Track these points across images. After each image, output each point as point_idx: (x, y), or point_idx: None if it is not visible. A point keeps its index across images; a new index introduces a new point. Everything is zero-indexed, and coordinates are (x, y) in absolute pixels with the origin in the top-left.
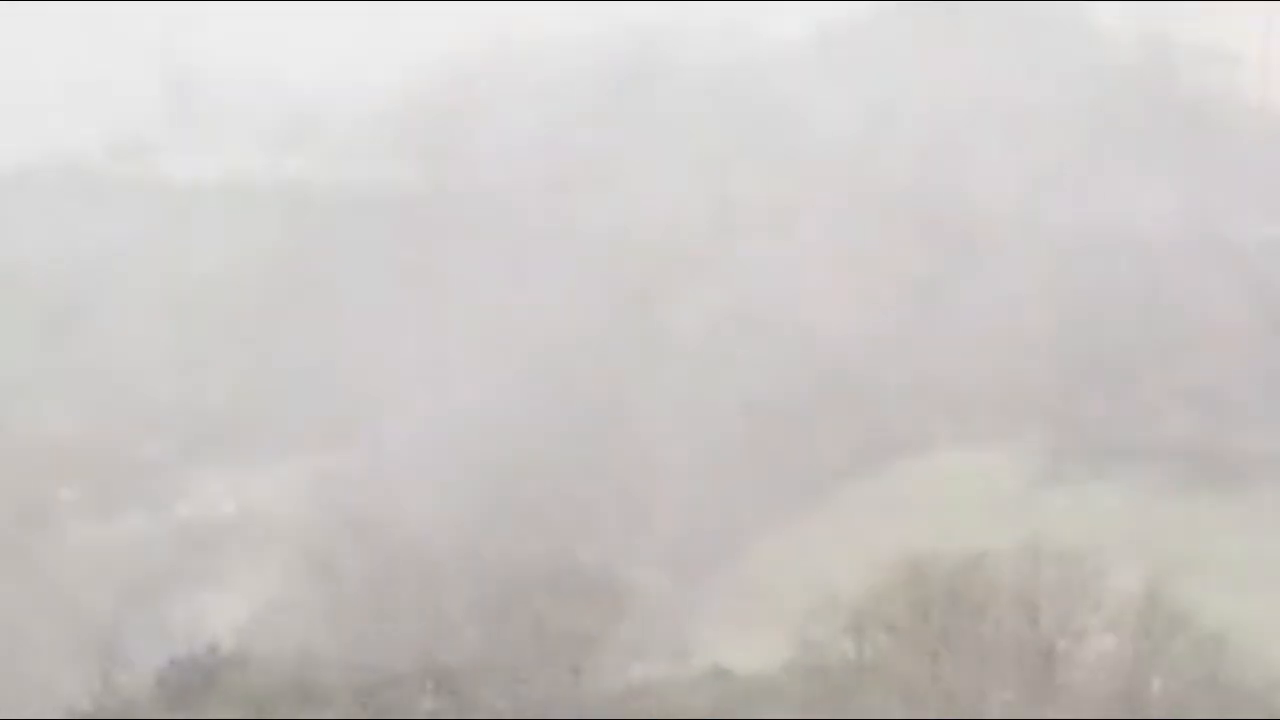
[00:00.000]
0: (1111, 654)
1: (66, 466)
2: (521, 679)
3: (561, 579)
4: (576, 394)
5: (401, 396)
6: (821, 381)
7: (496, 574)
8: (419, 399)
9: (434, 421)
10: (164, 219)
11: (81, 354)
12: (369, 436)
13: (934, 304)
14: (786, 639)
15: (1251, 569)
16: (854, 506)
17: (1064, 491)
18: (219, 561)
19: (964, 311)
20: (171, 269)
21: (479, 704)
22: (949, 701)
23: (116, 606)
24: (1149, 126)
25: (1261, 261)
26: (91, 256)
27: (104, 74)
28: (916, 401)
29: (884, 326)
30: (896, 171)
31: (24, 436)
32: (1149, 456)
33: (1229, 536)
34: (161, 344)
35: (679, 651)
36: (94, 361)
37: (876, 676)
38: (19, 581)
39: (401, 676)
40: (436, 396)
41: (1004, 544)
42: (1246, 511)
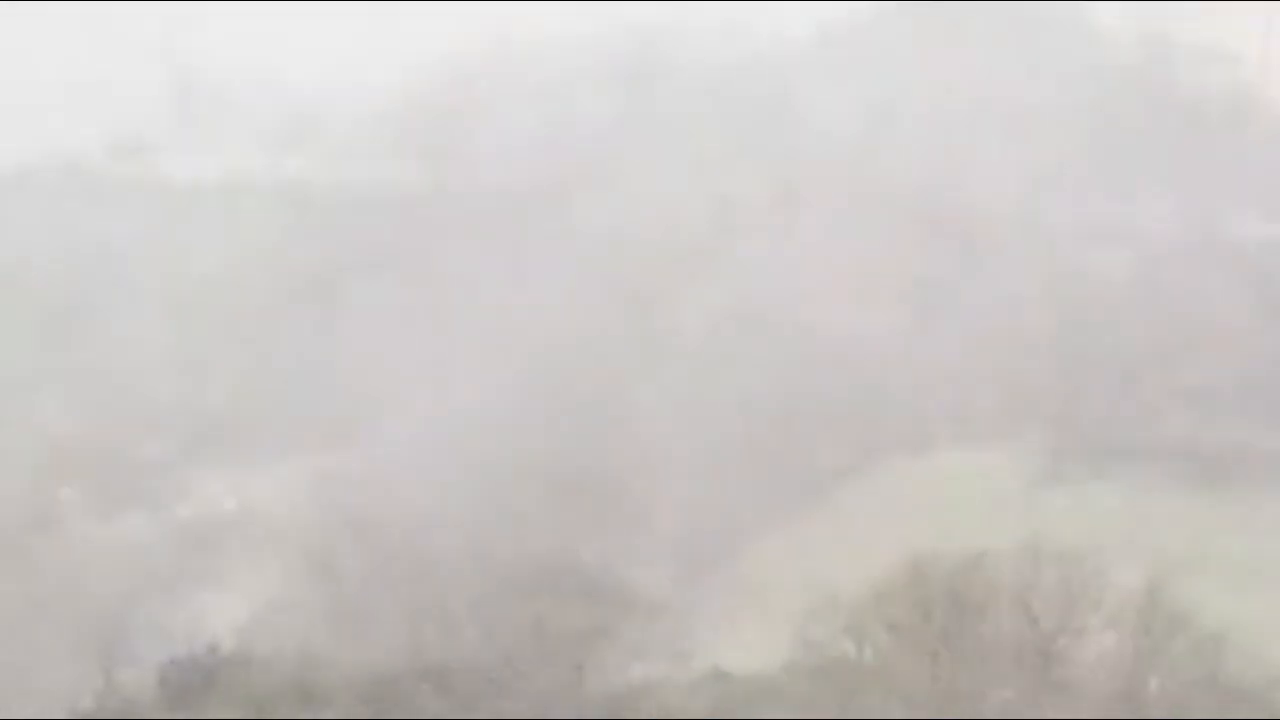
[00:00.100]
0: (1111, 653)
1: (66, 466)
2: (521, 679)
3: (561, 579)
4: (576, 394)
5: (401, 396)
6: (821, 381)
7: (496, 574)
8: (419, 399)
9: (434, 421)
10: (164, 219)
11: (81, 354)
12: (369, 436)
13: (934, 304)
14: (786, 639)
15: (1251, 569)
16: (854, 506)
17: (1064, 491)
18: (219, 561)
19: (964, 311)
20: (171, 269)
21: (479, 704)
22: (949, 701)
23: (117, 606)
24: (1149, 126)
25: (1261, 261)
26: (91, 256)
27: (104, 74)
28: (916, 401)
29: (884, 326)
30: (896, 171)
31: (24, 436)
32: (1149, 456)
33: (1229, 536)
34: (161, 344)
35: (679, 652)
36: (94, 361)
37: (876, 676)
38: (20, 581)
39: (401, 676)
40: (436, 396)
41: (1004, 544)
42: (1246, 511)
